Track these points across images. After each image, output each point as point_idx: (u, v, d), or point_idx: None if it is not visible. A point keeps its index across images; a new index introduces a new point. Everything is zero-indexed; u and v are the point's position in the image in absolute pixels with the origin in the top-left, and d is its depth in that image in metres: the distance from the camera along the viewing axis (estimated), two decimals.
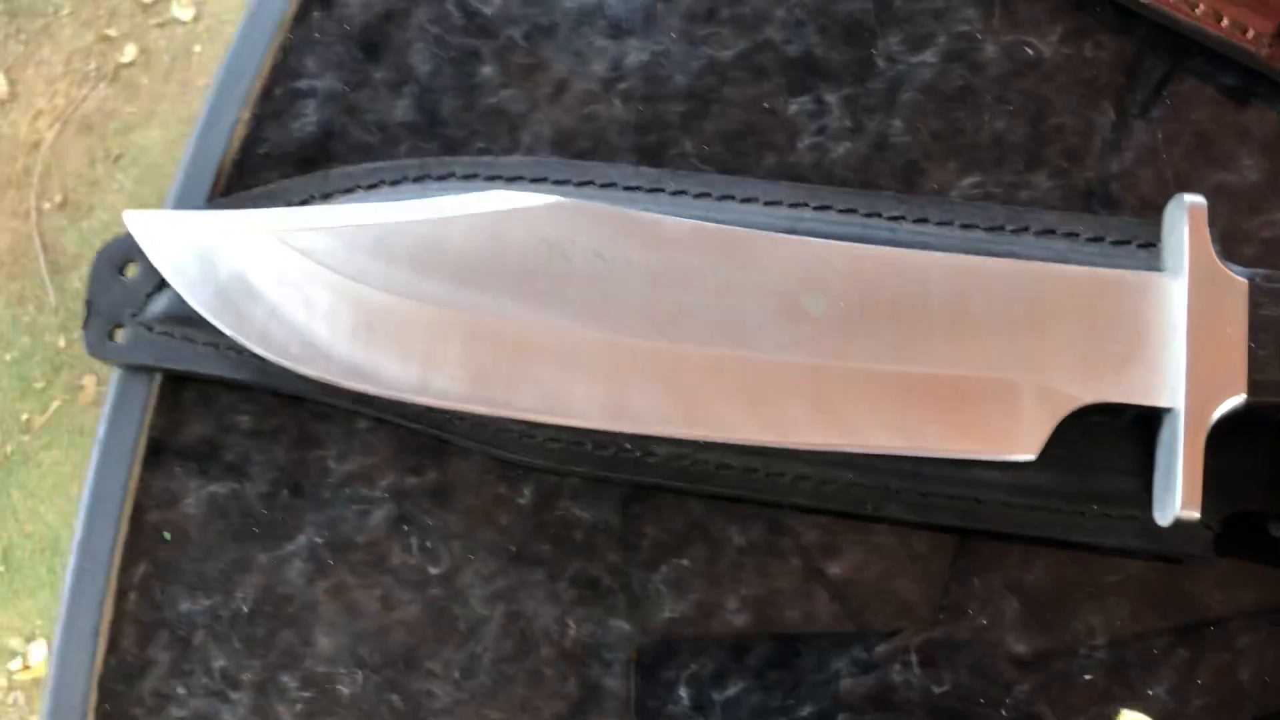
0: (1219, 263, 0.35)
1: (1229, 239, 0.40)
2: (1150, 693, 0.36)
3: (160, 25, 1.39)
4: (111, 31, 1.39)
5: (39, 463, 1.27)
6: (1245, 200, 0.40)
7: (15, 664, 1.23)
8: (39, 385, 1.29)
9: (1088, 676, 0.37)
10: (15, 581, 1.24)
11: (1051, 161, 0.41)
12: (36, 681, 1.22)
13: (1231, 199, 0.40)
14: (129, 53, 1.38)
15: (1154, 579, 0.37)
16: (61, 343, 1.30)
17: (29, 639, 1.23)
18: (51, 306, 1.31)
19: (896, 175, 0.41)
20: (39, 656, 1.22)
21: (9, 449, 1.27)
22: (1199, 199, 0.36)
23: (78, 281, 1.32)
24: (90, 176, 1.35)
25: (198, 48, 1.38)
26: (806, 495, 0.37)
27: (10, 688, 1.22)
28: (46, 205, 1.35)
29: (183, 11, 1.39)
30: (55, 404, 1.28)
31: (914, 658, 0.37)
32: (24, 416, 1.28)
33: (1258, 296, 0.34)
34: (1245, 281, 0.34)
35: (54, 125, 1.37)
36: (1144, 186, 0.40)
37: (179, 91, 1.37)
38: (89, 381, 1.29)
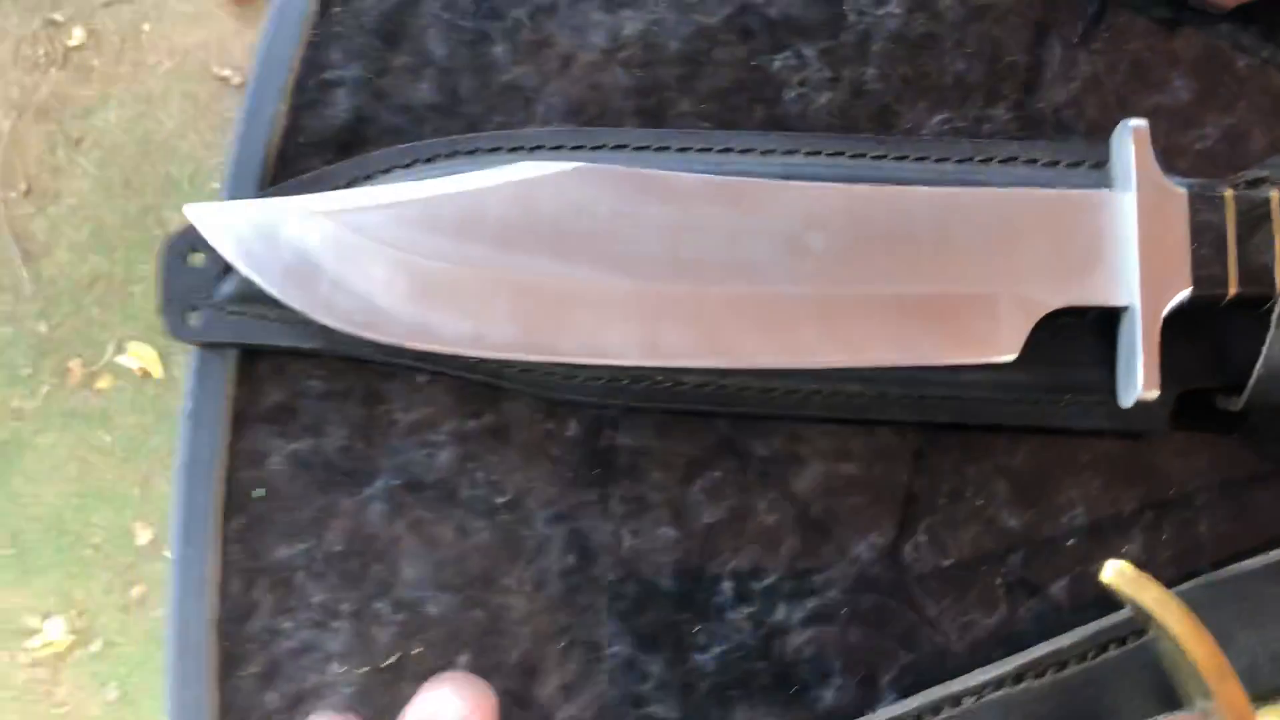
0: (1162, 176, 0.40)
1: (1167, 153, 0.45)
2: (1124, 550, 0.42)
3: (106, 5, 1.40)
4: (58, 16, 1.39)
5: (35, 447, 1.30)
6: (1179, 118, 0.45)
7: (35, 641, 1.27)
8: (25, 372, 1.32)
9: (1070, 542, 0.43)
10: (26, 562, 1.28)
11: (1008, 95, 0.46)
12: (58, 656, 1.26)
13: (1167, 118, 0.45)
14: (77, 36, 1.39)
15: (1121, 454, 0.43)
16: (43, 328, 1.32)
17: (45, 616, 1.27)
18: (29, 294, 1.33)
19: (874, 118, 0.46)
20: (57, 633, 1.26)
21: (4, 436, 1.30)
22: (1142, 122, 0.41)
23: (52, 268, 1.34)
24: (52, 162, 1.36)
25: (146, 26, 1.39)
26: (819, 408, 0.42)
27: (33, 664, 1.26)
28: (12, 195, 1.36)
29: None
30: (44, 389, 1.31)
31: (923, 536, 0.42)
32: (14, 404, 1.31)
33: (1196, 204, 0.40)
34: (1185, 192, 0.40)
35: (10, 115, 1.38)
36: (1091, 112, 0.46)
37: (132, 71, 1.38)
38: (75, 365, 1.31)
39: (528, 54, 0.46)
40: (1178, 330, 0.40)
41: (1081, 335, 0.42)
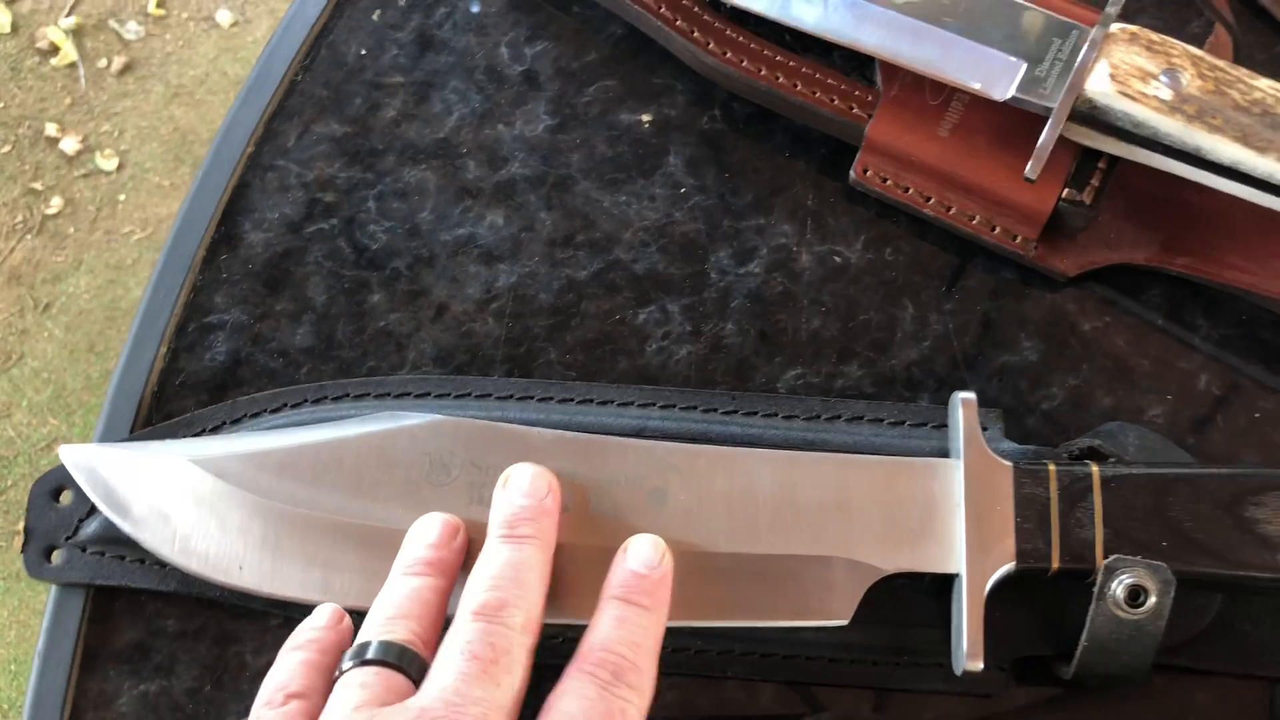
0: (988, 450, 0.41)
1: (1014, 412, 0.47)
2: None
3: (85, 176, 1.45)
4: (37, 185, 1.44)
5: None
6: (1026, 377, 0.47)
7: None
8: None
9: None
10: None
11: (861, 353, 0.48)
12: None
13: (1014, 377, 0.47)
14: (55, 204, 1.43)
15: (965, 713, 0.43)
16: None
17: None
18: None
19: (731, 371, 0.47)
20: None
21: None
22: (970, 395, 0.42)
23: (10, 429, 1.35)
24: (20, 325, 1.39)
25: (122, 196, 1.44)
26: (662, 661, 0.43)
27: None
28: None
29: (106, 163, 1.44)
30: None
31: None
32: None
33: (1021, 478, 0.41)
34: (1010, 465, 0.41)
35: None
36: (940, 370, 0.47)
37: (105, 240, 1.42)
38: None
39: (404, 302, 0.48)
40: (1014, 596, 0.41)
41: (920, 597, 0.43)
